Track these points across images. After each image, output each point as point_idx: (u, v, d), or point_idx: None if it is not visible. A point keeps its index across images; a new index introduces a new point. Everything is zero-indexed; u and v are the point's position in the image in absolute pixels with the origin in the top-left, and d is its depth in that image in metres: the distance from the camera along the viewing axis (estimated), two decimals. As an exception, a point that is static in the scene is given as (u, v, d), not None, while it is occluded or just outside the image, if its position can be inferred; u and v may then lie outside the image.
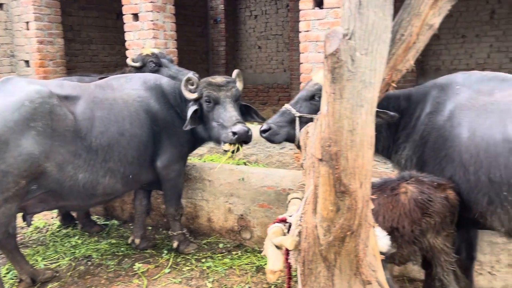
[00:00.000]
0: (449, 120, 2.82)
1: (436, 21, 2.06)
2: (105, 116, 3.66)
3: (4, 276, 3.94)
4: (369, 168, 1.95)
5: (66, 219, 5.18)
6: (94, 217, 5.33)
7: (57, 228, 5.13)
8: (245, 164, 5.78)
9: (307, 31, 5.01)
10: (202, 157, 6.19)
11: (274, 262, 2.02)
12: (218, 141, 3.88)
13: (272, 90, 13.40)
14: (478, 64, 11.45)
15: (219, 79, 3.95)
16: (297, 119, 3.24)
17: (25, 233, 4.99)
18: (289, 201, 2.97)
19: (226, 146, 3.71)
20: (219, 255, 4.32)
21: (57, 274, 4.03)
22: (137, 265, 4.16)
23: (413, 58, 2.14)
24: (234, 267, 4.07)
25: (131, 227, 5.12)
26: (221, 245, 4.51)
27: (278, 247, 2.15)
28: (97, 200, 3.79)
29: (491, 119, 2.62)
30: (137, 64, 4.89)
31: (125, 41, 6.40)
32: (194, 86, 3.87)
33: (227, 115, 3.72)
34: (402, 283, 3.73)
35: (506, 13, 10.94)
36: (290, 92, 12.50)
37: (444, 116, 2.83)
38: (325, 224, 2.02)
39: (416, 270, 3.61)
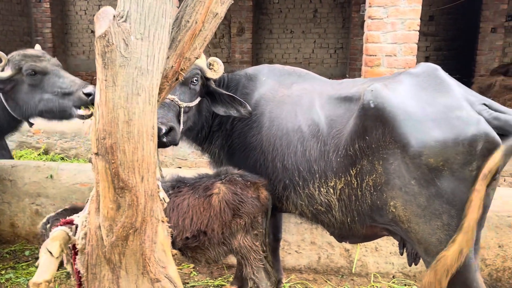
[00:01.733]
0: (254, 109, 2.91)
1: (221, 10, 2.04)
2: None
3: None
4: (151, 161, 1.84)
5: None
6: None
7: None
8: (63, 159, 5.23)
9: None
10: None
11: (42, 271, 1.78)
12: (60, 113, 3.37)
13: (107, 79, 12.56)
14: (305, 58, 12.56)
15: (32, 50, 3.44)
16: (182, 109, 2.78)
17: None
18: (89, 199, 2.70)
19: (82, 111, 3.26)
20: (23, 264, 3.81)
21: None
22: None
23: (201, 46, 2.09)
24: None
25: None
26: (27, 253, 3.98)
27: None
28: None
29: (286, 110, 2.77)
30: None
31: None
32: (3, 63, 3.29)
33: (67, 81, 3.30)
34: (222, 270, 3.80)
35: (326, 12, 12.19)
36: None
37: (250, 106, 2.90)
38: (107, 223, 1.85)
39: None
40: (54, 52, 12.07)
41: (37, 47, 3.72)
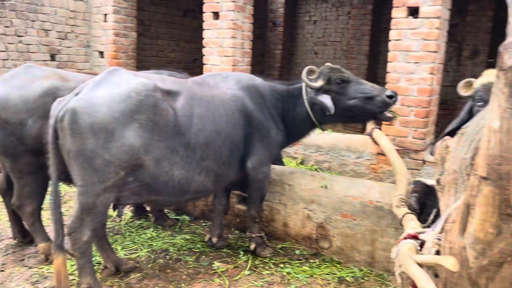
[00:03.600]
0: None
1: None
2: (203, 113, 3.66)
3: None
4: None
5: (139, 211, 5.24)
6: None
7: (130, 218, 5.20)
8: (316, 170, 5.68)
9: (398, 40, 4.87)
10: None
11: (424, 282, 1.91)
12: (363, 116, 4.06)
13: (325, 97, 13.24)
14: None
15: (331, 65, 4.10)
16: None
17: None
18: (403, 216, 2.85)
19: (389, 113, 3.92)
20: (296, 261, 4.24)
21: (138, 265, 4.06)
22: (216, 263, 4.14)
23: None
24: (315, 275, 3.98)
25: (203, 224, 5.13)
26: (297, 252, 4.43)
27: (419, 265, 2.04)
28: (188, 197, 3.79)
29: None
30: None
31: (189, 38, 6.42)
32: (316, 75, 3.90)
33: (368, 87, 3.87)
34: None
35: None
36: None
37: None
38: (479, 246, 1.90)
39: None
40: (280, 71, 13.37)
41: (327, 64, 4.18)
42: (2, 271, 3.89)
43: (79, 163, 3.15)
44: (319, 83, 3.92)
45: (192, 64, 10.43)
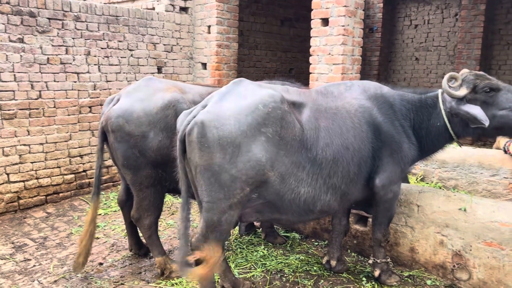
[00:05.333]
0: None
1: None
2: (330, 126, 3.34)
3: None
4: None
5: (248, 226, 5.05)
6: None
7: (238, 234, 5.02)
8: (440, 188, 5.08)
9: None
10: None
11: None
12: None
13: (428, 106, 12.29)
14: None
15: (477, 72, 3.58)
16: None
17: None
18: None
19: None
20: (439, 294, 3.73)
21: (254, 286, 3.83)
22: (337, 290, 3.78)
23: None
24: (455, 312, 3.45)
25: (315, 243, 4.80)
26: (429, 282, 3.90)
27: None
28: (312, 217, 3.48)
29: None
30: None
31: (286, 47, 6.14)
32: (459, 83, 3.43)
33: None
34: None
35: None
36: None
37: None
38: None
39: None
40: (377, 78, 12.67)
41: (464, 71, 3.65)
42: (122, 284, 3.88)
43: (206, 178, 2.99)
44: (463, 91, 3.41)
45: (288, 74, 10.24)
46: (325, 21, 5.91)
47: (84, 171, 6.45)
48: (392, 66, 13.26)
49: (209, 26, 7.52)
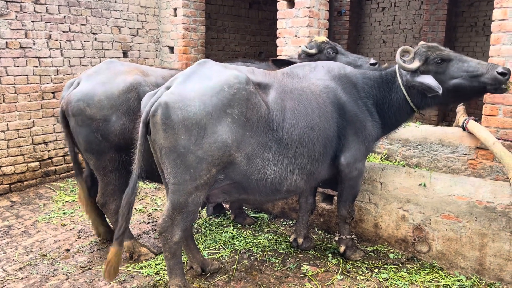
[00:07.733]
0: None
1: None
2: (295, 107, 3.38)
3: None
4: None
5: (217, 208, 5.08)
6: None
7: (208, 216, 5.05)
8: (404, 166, 5.24)
9: (503, 19, 4.32)
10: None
11: None
12: (469, 95, 3.59)
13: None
14: None
15: (424, 43, 3.68)
16: None
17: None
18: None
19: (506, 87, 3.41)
20: (392, 266, 3.88)
21: (222, 266, 3.88)
22: (304, 266, 3.88)
23: None
24: (416, 283, 3.60)
25: (283, 222, 4.89)
26: (391, 256, 4.06)
27: None
28: (279, 196, 3.53)
29: None
30: (313, 51, 4.59)
31: (255, 31, 6.13)
32: (411, 56, 3.52)
33: (473, 64, 3.41)
34: None
35: None
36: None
37: None
38: None
39: None
40: (346, 62, 12.78)
41: (420, 43, 3.74)
42: (90, 269, 3.87)
43: (171, 160, 2.99)
44: (416, 64, 3.50)
45: (258, 57, 10.22)
46: (291, 3, 5.91)
47: (49, 158, 6.31)
48: (361, 49, 13.41)
49: (175, 9, 7.40)
